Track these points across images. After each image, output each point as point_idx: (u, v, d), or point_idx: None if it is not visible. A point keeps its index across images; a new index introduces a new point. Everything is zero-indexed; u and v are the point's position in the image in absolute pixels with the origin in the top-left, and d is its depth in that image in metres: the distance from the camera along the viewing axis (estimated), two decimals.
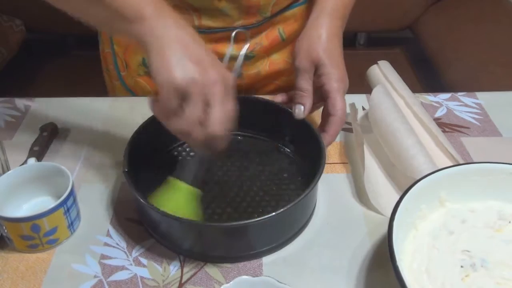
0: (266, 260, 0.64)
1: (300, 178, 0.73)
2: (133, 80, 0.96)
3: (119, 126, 0.85)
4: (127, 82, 0.97)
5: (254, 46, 0.90)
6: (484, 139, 0.82)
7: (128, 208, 0.70)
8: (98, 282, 0.61)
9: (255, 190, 0.71)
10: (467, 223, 0.63)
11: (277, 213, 0.60)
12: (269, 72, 0.94)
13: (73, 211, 0.66)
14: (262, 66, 0.93)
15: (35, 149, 0.77)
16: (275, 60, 0.94)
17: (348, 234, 0.67)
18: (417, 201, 0.61)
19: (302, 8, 0.91)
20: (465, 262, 0.58)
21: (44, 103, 0.91)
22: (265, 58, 0.93)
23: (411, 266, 0.58)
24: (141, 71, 0.93)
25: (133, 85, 0.97)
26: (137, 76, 0.94)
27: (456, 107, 0.89)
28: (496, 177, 0.64)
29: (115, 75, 0.99)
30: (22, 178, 0.67)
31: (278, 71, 0.95)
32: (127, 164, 0.66)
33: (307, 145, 0.72)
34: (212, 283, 0.61)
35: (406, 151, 0.71)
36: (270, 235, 0.63)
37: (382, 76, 0.87)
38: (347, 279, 0.61)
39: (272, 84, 0.97)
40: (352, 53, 1.43)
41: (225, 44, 0.88)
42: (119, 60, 0.96)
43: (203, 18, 0.84)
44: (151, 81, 0.94)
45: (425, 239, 0.61)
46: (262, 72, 0.94)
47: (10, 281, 0.61)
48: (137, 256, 0.64)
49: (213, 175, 0.73)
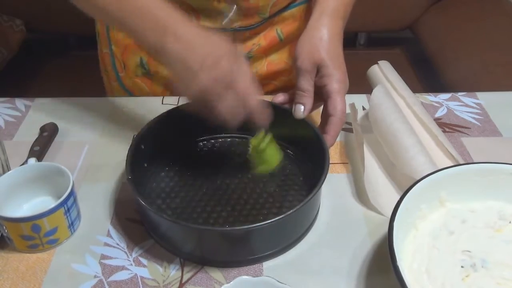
0: (267, 262, 0.64)
1: (302, 179, 0.73)
2: (131, 81, 0.96)
3: (119, 126, 0.85)
4: (125, 83, 0.97)
5: (252, 47, 0.89)
6: (484, 139, 0.82)
7: (128, 208, 0.70)
8: (98, 282, 0.61)
9: (258, 192, 0.71)
10: (468, 223, 0.63)
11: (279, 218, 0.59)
12: (267, 73, 0.94)
13: (74, 211, 0.66)
14: (260, 67, 0.93)
15: (36, 149, 0.77)
16: (273, 61, 0.93)
17: (349, 234, 0.67)
18: (417, 201, 0.61)
19: (300, 9, 0.91)
20: (465, 262, 0.58)
21: (44, 103, 0.91)
22: (263, 58, 0.93)
23: (411, 266, 0.58)
24: (139, 72, 0.93)
25: (131, 86, 0.96)
26: (135, 76, 0.94)
27: (456, 107, 0.89)
28: (496, 177, 0.64)
29: (113, 76, 0.98)
30: (23, 178, 0.67)
31: (276, 72, 0.95)
32: (130, 172, 0.65)
33: (309, 146, 0.72)
34: (212, 283, 0.61)
35: (406, 151, 0.71)
36: (273, 240, 0.63)
37: (382, 76, 0.87)
38: (347, 279, 0.61)
39: (270, 85, 0.97)
40: (352, 53, 1.43)
41: None
42: (117, 61, 0.96)
43: (202, 19, 0.84)
44: (149, 81, 0.94)
45: (426, 239, 0.61)
46: (260, 73, 0.93)
47: (10, 281, 0.61)
48: (137, 256, 0.64)
49: (216, 178, 0.73)
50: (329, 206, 0.70)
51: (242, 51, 0.63)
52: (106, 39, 0.95)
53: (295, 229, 0.65)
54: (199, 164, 0.76)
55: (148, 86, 0.95)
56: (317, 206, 0.69)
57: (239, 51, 0.64)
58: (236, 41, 0.87)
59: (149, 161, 0.73)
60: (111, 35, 0.93)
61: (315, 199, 0.65)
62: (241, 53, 0.65)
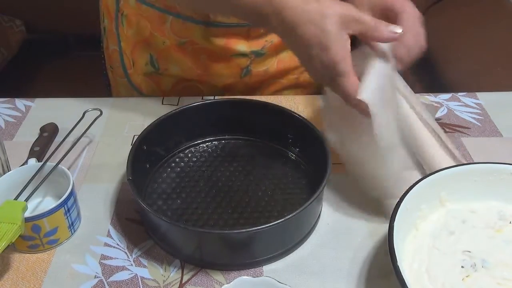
0: (268, 265, 0.63)
1: (304, 182, 0.73)
2: (140, 78, 0.96)
3: (119, 126, 0.85)
4: (133, 80, 0.97)
5: (265, 43, 0.89)
6: (485, 139, 0.82)
7: (128, 208, 0.70)
8: (99, 283, 0.61)
9: (260, 195, 0.71)
10: (468, 223, 0.63)
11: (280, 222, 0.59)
12: (277, 70, 0.94)
13: (74, 212, 0.65)
14: (271, 64, 0.93)
15: (36, 149, 0.77)
16: (284, 58, 0.93)
17: (349, 234, 0.67)
18: (417, 201, 0.61)
19: None
20: (465, 262, 0.58)
21: (44, 103, 0.91)
22: (274, 56, 0.93)
23: (412, 266, 0.58)
24: (148, 69, 0.93)
25: (139, 83, 0.96)
26: (143, 74, 0.94)
27: (457, 107, 0.89)
28: (496, 177, 0.64)
29: (120, 72, 0.98)
30: (23, 178, 0.67)
31: (286, 69, 0.95)
32: (131, 173, 0.65)
33: (311, 148, 0.71)
34: (212, 284, 0.61)
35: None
36: (274, 243, 0.63)
37: None
38: (347, 279, 0.61)
39: (278, 83, 0.97)
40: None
41: (238, 40, 0.88)
42: (126, 58, 0.96)
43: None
44: (157, 79, 0.94)
45: (426, 239, 0.61)
46: (270, 70, 0.93)
47: (10, 281, 0.61)
48: (138, 257, 0.64)
49: (217, 181, 0.73)
50: (329, 206, 0.70)
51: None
52: (115, 35, 0.95)
53: (297, 232, 0.64)
54: (201, 166, 0.76)
55: (157, 84, 0.95)
56: (319, 209, 0.69)
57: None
58: (250, 37, 0.87)
59: (150, 162, 0.73)
60: (120, 32, 0.93)
61: (317, 202, 0.65)
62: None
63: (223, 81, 0.91)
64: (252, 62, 0.91)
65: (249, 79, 0.93)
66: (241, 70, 0.92)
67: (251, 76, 0.93)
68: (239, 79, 0.93)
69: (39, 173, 0.66)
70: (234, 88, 0.94)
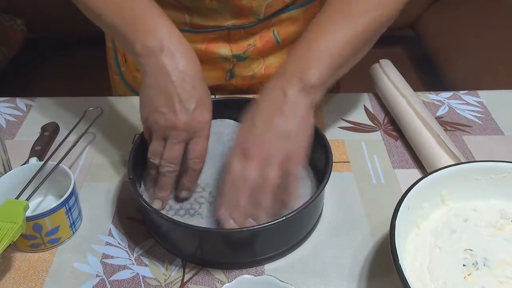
0: (269, 264, 0.63)
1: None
2: (132, 75, 0.96)
3: (120, 125, 0.85)
4: (126, 77, 0.97)
5: (247, 47, 0.89)
6: (486, 137, 0.82)
7: (129, 207, 0.70)
8: (100, 281, 0.61)
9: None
10: (469, 222, 0.63)
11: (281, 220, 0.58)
12: (264, 75, 0.93)
13: (75, 211, 0.66)
14: (258, 69, 0.92)
15: (37, 148, 0.77)
16: (271, 64, 0.92)
17: (350, 233, 0.67)
18: (419, 199, 0.61)
19: (299, 11, 0.89)
20: (467, 261, 0.58)
21: (45, 103, 0.91)
22: (260, 60, 0.92)
23: (413, 265, 0.58)
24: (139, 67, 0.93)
25: (131, 80, 0.97)
26: (135, 71, 0.95)
27: (458, 105, 0.89)
28: (498, 175, 0.64)
29: (116, 69, 0.99)
30: (24, 177, 0.67)
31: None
32: (132, 171, 0.65)
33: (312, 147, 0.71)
34: (214, 282, 0.61)
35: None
36: (275, 242, 0.62)
37: (383, 75, 0.87)
38: (349, 277, 0.61)
39: None
40: None
41: (219, 44, 0.87)
42: (119, 55, 0.96)
43: (195, 17, 0.84)
44: None
45: (427, 238, 0.61)
46: (258, 75, 0.93)
47: (12, 280, 0.61)
48: (139, 255, 0.64)
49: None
50: (330, 205, 0.70)
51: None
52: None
53: (298, 231, 0.64)
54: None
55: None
56: (320, 208, 0.68)
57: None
58: (231, 40, 0.87)
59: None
60: None
61: (318, 201, 0.65)
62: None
63: (208, 83, 0.91)
64: (235, 66, 0.90)
65: (236, 81, 0.93)
66: (225, 73, 0.91)
67: (237, 79, 0.92)
68: (224, 82, 0.93)
69: (40, 172, 0.66)
70: (223, 90, 0.94)
